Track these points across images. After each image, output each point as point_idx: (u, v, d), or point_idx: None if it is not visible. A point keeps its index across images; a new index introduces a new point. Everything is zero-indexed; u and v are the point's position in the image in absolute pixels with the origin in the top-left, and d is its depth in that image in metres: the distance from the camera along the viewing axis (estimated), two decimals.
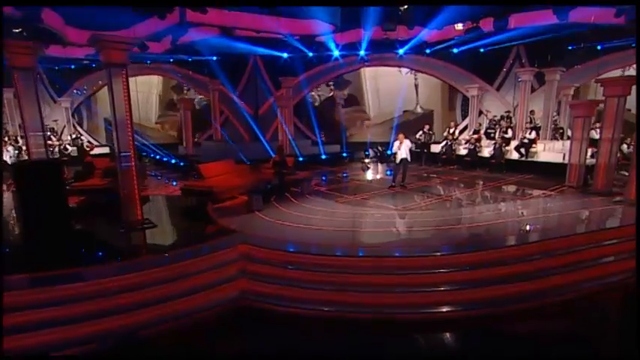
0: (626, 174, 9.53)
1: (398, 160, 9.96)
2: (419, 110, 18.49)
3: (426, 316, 4.62)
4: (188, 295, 4.71)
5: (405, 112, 18.32)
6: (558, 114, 15.10)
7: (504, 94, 16.16)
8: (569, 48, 14.81)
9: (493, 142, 13.16)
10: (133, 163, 6.64)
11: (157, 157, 15.77)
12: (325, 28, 13.09)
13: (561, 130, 14.90)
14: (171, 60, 17.08)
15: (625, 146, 11.68)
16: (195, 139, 17.50)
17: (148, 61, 17.35)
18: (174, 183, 11.66)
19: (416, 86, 18.22)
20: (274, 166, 9.46)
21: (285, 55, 16.45)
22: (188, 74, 18.01)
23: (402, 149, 9.77)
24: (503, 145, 12.61)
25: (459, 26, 12.50)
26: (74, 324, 4.08)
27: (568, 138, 14.83)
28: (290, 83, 15.81)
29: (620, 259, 5.51)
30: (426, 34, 14.48)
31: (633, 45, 14.98)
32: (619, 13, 11.99)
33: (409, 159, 9.95)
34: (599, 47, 15.04)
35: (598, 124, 12.42)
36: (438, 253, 5.28)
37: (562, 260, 5.41)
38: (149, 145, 17.04)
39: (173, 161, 14.23)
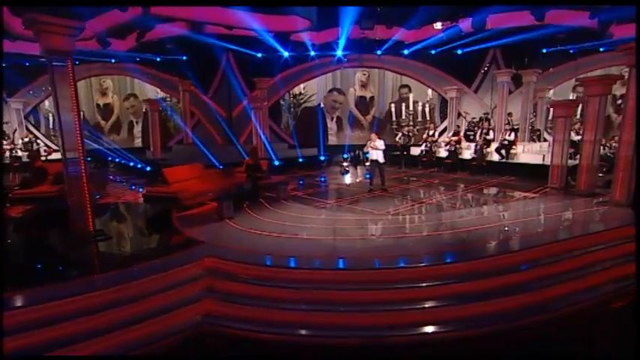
0: (600, 175, 9.76)
1: (369, 162, 9.52)
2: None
3: (414, 338, 4.08)
4: (141, 322, 3.97)
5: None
6: (535, 116, 15.15)
7: (482, 96, 16.13)
8: (544, 51, 14.95)
9: (474, 143, 12.97)
10: (83, 168, 5.80)
11: (123, 161, 14.70)
12: (301, 24, 12.52)
13: (538, 132, 14.96)
14: (138, 59, 16.04)
15: (600, 148, 11.71)
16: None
17: (113, 60, 16.25)
18: (141, 189, 10.73)
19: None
20: (247, 169, 8.76)
21: (259, 54, 15.80)
22: (156, 75, 16.96)
23: (373, 150, 9.29)
24: (485, 146, 12.40)
25: (438, 25, 12.23)
26: None
27: (545, 140, 14.98)
28: (265, 84, 15.11)
29: (618, 264, 5.19)
30: (404, 34, 14.22)
31: (602, 49, 15.38)
32: (593, 15, 12.10)
33: (380, 160, 9.45)
34: (571, 50, 15.30)
35: (576, 126, 12.55)
36: (422, 264, 4.76)
37: (558, 267, 5.02)
38: (114, 149, 15.94)
39: (139, 166, 13.23)
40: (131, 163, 13.96)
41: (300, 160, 14.30)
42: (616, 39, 14.80)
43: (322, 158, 15.16)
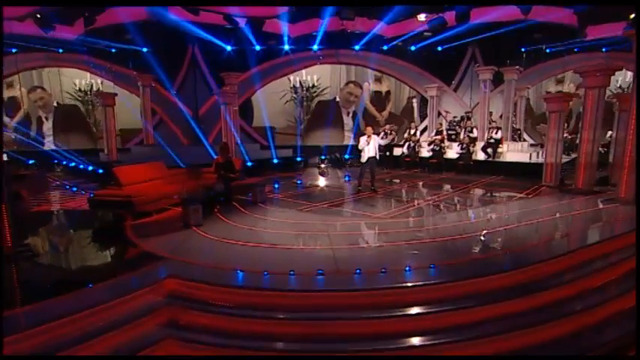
0: None
1: (365, 159, 8.54)
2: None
3: None
4: None
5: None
6: (515, 116, 14.88)
7: (461, 95, 15.73)
8: (522, 50, 14.79)
9: (457, 143, 12.40)
10: None
11: (72, 164, 12.88)
12: (279, 9, 11.41)
13: (519, 131, 14.68)
14: (86, 49, 14.26)
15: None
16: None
17: (60, 50, 14.37)
18: (92, 194, 9.13)
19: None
20: (217, 169, 7.47)
21: (229, 47, 14.55)
22: (111, 68, 15.18)
23: (371, 146, 8.37)
24: (471, 145, 11.83)
25: (422, 17, 11.58)
26: None
27: (524, 140, 14.74)
28: (234, 80, 13.81)
29: None
30: (384, 28, 13.53)
31: (577, 49, 15.47)
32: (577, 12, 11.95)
33: (377, 157, 8.56)
34: (547, 50, 15.26)
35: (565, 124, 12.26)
36: (434, 281, 3.76)
37: (595, 281, 4.18)
38: (63, 151, 14.04)
39: (90, 168, 11.53)
40: (81, 166, 12.21)
41: (275, 161, 13.13)
42: (590, 39, 14.99)
43: (299, 159, 14.05)
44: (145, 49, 14.38)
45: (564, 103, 9.11)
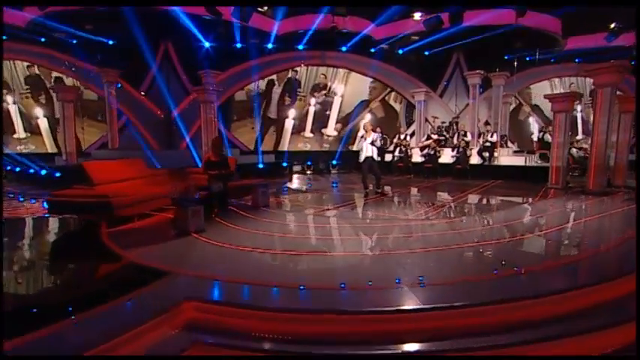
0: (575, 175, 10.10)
1: (362, 159, 7.74)
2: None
3: None
4: None
5: None
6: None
7: (447, 100, 15.55)
8: (505, 58, 14.89)
9: (452, 147, 12.02)
10: None
11: (18, 169, 11.03)
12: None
13: (505, 137, 14.63)
14: (43, 40, 12.55)
15: (575, 150, 11.46)
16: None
17: (5, 37, 12.49)
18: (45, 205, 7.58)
19: None
20: (209, 168, 6.29)
21: (207, 44, 13.41)
22: (71, 61, 13.44)
23: (368, 144, 7.58)
24: (468, 148, 11.45)
25: (417, 16, 11.17)
26: None
27: (508, 146, 14.72)
28: (213, 79, 12.69)
29: None
30: (374, 28, 13.06)
31: (553, 60, 15.92)
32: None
33: (375, 157, 7.77)
34: (528, 58, 15.51)
35: (551, 128, 12.22)
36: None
37: None
38: (14, 154, 12.08)
39: (43, 172, 9.82)
40: (31, 170, 10.42)
41: (261, 166, 12.02)
42: (568, 49, 15.45)
43: (284, 165, 13.04)
44: (110, 42, 12.89)
45: (570, 103, 8.90)
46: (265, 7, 11.21)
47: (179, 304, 2.56)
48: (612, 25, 12.61)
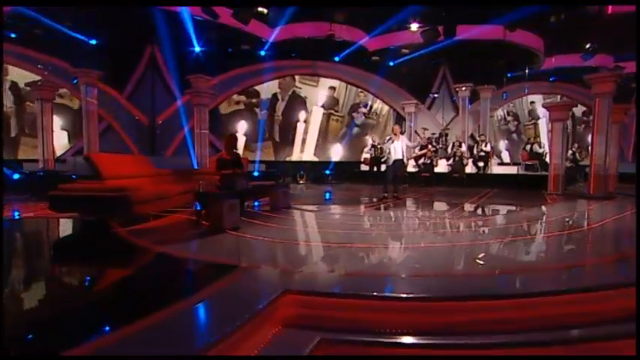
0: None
1: (391, 162, 7.55)
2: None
3: None
4: None
5: None
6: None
7: (434, 113, 15.86)
8: (490, 74, 15.48)
9: (448, 157, 12.14)
10: None
11: None
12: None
13: (492, 149, 15.06)
14: (14, 35, 11.54)
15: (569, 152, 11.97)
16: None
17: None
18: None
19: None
20: (222, 167, 5.78)
21: (197, 48, 12.94)
22: (47, 61, 12.43)
23: (398, 147, 7.43)
24: (465, 158, 11.59)
25: (414, 27, 11.36)
26: None
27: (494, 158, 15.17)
28: (202, 84, 12.12)
29: None
30: (369, 40, 13.19)
31: (528, 77, 16.77)
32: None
33: (405, 160, 7.65)
34: (509, 75, 16.24)
35: (539, 139, 12.67)
36: None
37: None
38: None
39: (16, 176, 8.80)
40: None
41: (256, 174, 11.53)
42: (543, 69, 16.32)
43: (277, 173, 12.61)
44: (93, 42, 12.11)
45: (566, 112, 9.24)
46: (265, 10, 10.95)
47: (278, 297, 2.11)
48: (587, 46, 13.45)
